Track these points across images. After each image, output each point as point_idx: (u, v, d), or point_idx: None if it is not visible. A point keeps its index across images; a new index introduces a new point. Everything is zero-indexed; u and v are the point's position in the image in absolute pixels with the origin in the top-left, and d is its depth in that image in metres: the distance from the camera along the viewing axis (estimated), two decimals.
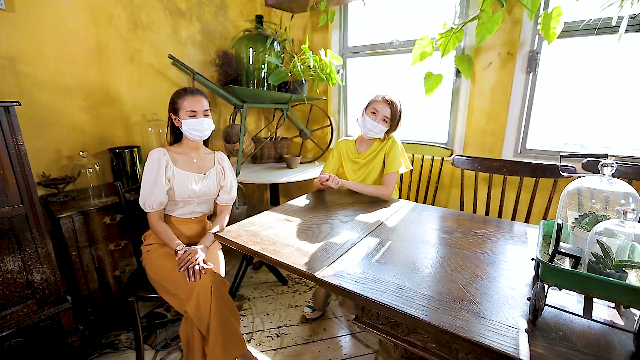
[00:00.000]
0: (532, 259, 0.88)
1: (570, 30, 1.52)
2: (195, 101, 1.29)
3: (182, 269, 1.14)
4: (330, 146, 2.34)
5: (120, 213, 1.55)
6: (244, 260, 2.01)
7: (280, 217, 1.27)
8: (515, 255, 0.97)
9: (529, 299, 0.70)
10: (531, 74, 1.65)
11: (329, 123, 2.30)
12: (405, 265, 0.91)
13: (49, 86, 1.55)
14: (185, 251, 1.19)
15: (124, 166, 1.62)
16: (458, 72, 1.83)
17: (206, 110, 1.32)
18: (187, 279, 1.12)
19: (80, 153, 1.51)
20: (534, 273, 0.87)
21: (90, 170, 1.52)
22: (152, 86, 1.91)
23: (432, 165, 1.83)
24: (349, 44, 2.24)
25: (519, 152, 1.77)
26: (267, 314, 1.78)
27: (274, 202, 2.37)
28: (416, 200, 1.87)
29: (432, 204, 1.80)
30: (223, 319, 1.12)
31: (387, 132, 1.50)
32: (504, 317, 0.69)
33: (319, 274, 0.86)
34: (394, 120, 1.46)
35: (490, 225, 1.20)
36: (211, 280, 1.13)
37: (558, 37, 1.40)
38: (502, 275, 0.86)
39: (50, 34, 1.52)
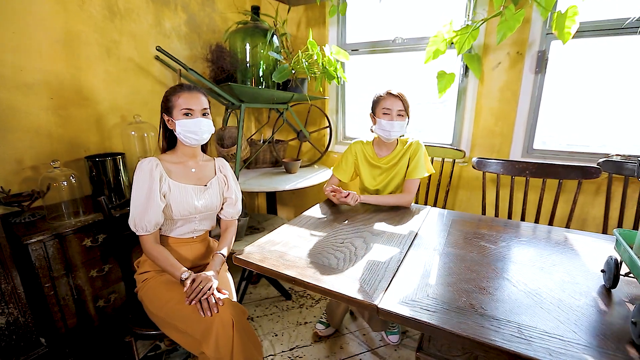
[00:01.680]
0: (602, 271, 0.82)
1: (580, 31, 1.51)
2: (192, 98, 1.09)
3: (194, 302, 0.96)
4: (329, 149, 2.21)
5: (103, 233, 1.31)
6: (243, 276, 1.83)
7: (302, 233, 1.12)
8: (573, 265, 0.91)
9: (633, 322, 0.63)
10: (539, 74, 1.64)
11: (327, 124, 2.17)
12: (469, 285, 0.81)
13: (6, 82, 1.27)
14: (193, 280, 1.00)
15: (106, 177, 1.37)
16: (465, 72, 1.79)
17: (205, 109, 1.12)
18: (202, 313, 0.94)
19: (51, 163, 1.25)
20: (602, 284, 0.81)
21: (65, 183, 1.26)
22: (133, 83, 1.67)
23: (442, 167, 1.77)
24: (347, 41, 2.13)
25: (526, 152, 1.76)
26: (276, 335, 1.62)
27: (271, 211, 2.20)
28: (425, 203, 1.81)
29: (443, 207, 1.75)
30: (248, 357, 0.95)
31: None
32: (610, 345, 0.61)
33: (381, 304, 0.73)
34: (408, 112, 1.34)
35: (526, 231, 1.14)
36: (231, 312, 0.95)
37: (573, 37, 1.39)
38: (575, 291, 0.78)
39: (8, 19, 1.25)
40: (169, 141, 1.18)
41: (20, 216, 1.24)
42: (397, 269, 0.89)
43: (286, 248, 1.01)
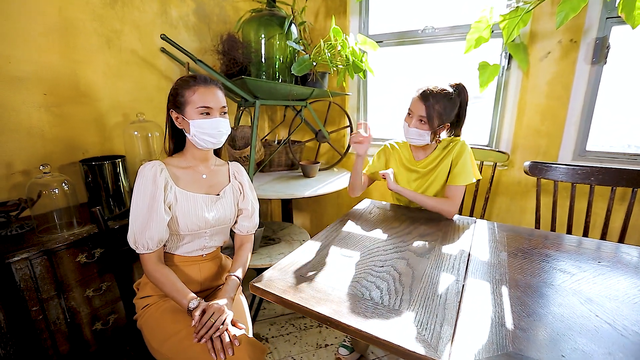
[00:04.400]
0: None
1: None
2: (209, 94, 0.92)
3: (204, 339, 0.78)
4: (350, 150, 2.02)
5: (100, 247, 1.16)
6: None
7: (331, 252, 0.94)
8: None
9: None
10: (597, 65, 1.43)
11: (347, 123, 1.99)
12: (561, 334, 0.61)
13: None
14: (204, 311, 0.83)
15: (104, 183, 1.21)
16: (508, 64, 1.58)
17: (223, 107, 0.95)
18: (213, 355, 0.76)
19: (41, 167, 1.09)
20: None
21: (57, 190, 1.11)
22: (136, 78, 1.51)
23: (480, 171, 1.56)
24: (370, 32, 1.94)
25: (578, 155, 1.55)
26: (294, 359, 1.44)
27: (287, 218, 2.02)
28: (460, 213, 1.61)
29: (481, 217, 1.54)
30: None
31: (434, 135, 1.18)
32: None
33: None
34: (431, 120, 1.12)
35: (601, 251, 0.94)
36: (249, 354, 0.78)
37: None
38: None
39: None
40: (176, 142, 1.01)
41: (7, 228, 1.09)
42: (459, 306, 0.70)
43: (314, 273, 0.83)
